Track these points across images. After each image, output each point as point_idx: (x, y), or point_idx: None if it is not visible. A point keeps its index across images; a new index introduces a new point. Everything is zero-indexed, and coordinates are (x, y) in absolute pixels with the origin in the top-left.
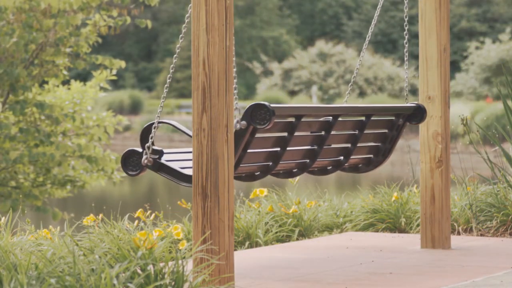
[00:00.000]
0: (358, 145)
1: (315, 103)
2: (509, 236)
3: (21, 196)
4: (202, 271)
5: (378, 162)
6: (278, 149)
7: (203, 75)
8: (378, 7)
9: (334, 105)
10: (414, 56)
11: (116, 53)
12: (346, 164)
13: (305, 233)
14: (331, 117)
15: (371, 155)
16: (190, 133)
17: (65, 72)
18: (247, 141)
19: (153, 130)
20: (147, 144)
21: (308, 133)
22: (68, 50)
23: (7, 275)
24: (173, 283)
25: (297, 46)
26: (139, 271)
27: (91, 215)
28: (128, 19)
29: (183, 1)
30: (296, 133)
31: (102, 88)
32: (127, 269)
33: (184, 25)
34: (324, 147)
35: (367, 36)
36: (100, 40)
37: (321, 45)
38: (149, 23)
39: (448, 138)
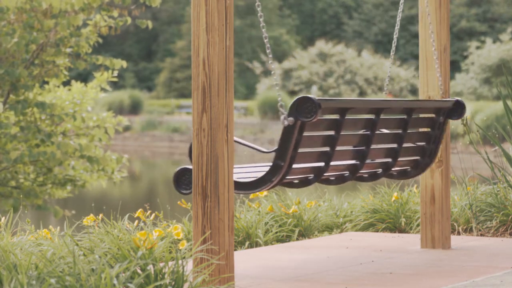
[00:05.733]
0: (404, 145)
1: None
2: (509, 236)
3: (21, 196)
4: (202, 271)
5: (425, 164)
6: (328, 148)
7: (203, 75)
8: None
9: (378, 99)
10: (414, 56)
11: (116, 53)
12: (394, 167)
13: (305, 233)
14: (374, 115)
15: (418, 157)
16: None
17: (65, 73)
18: (296, 140)
19: None
20: None
21: (354, 132)
22: (68, 50)
23: (7, 275)
24: (173, 283)
25: (297, 46)
26: (139, 271)
27: (91, 215)
28: (129, 20)
29: (183, 1)
30: (343, 132)
31: (103, 89)
32: (127, 269)
33: None
34: (371, 147)
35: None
36: (100, 40)
37: (321, 45)
38: (149, 24)
39: (448, 138)
